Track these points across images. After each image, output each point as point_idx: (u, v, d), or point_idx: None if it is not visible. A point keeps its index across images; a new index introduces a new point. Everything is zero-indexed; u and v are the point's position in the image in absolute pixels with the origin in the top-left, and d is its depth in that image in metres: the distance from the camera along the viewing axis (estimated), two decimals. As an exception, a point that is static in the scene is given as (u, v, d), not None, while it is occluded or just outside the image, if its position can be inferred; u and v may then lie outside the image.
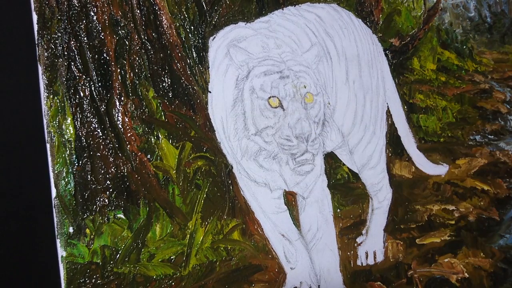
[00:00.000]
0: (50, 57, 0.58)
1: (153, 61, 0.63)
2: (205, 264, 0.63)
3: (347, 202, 0.73)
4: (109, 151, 0.60)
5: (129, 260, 0.59)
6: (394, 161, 0.77)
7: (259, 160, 0.67)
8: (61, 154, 0.58)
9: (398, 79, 0.79)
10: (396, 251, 0.76)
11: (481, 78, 0.87)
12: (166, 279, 0.61)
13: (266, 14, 0.70)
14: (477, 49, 0.87)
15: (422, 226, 0.79)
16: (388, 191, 0.76)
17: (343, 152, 0.73)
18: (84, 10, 0.60)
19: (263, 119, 0.66)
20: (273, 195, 0.68)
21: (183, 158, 0.63)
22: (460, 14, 0.87)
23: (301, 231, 0.70)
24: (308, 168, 0.69)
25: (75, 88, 0.59)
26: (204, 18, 0.66)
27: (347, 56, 0.74)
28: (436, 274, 0.78)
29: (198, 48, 0.65)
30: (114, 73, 0.61)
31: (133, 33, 0.62)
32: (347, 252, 0.72)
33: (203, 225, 0.64)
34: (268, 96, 0.66)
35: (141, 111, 0.62)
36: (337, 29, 0.74)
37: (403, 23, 0.80)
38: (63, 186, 0.57)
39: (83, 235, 0.58)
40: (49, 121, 0.57)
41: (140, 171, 0.61)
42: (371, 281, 0.73)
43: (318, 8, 0.74)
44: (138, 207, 0.61)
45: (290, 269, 0.68)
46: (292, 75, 0.67)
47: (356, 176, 0.74)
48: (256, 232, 0.67)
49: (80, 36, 0.60)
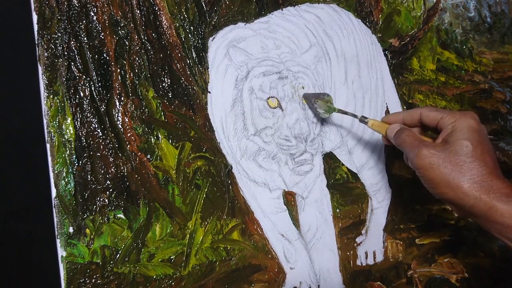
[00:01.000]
0: (50, 57, 0.58)
1: (153, 61, 0.63)
2: (205, 264, 0.63)
3: (346, 202, 0.73)
4: (109, 151, 0.60)
5: (129, 260, 0.60)
6: (394, 161, 0.77)
7: (258, 160, 0.67)
8: (61, 154, 0.58)
9: (398, 79, 0.79)
10: (396, 251, 0.76)
11: (481, 78, 0.87)
12: (166, 279, 0.61)
13: (266, 15, 0.70)
14: (477, 49, 0.87)
15: (422, 226, 0.79)
16: (387, 191, 0.76)
17: (342, 152, 0.73)
18: (84, 10, 0.60)
19: (262, 120, 0.66)
20: (273, 195, 0.68)
21: (183, 158, 0.63)
22: (460, 14, 0.87)
23: (300, 231, 0.70)
24: (307, 168, 0.69)
25: (75, 88, 0.59)
26: (204, 18, 0.66)
27: (346, 57, 0.74)
28: (436, 274, 0.78)
29: (197, 48, 0.66)
30: (114, 73, 0.61)
31: (133, 33, 0.62)
32: (347, 252, 0.72)
33: (202, 225, 0.64)
34: (267, 96, 0.66)
35: (141, 111, 0.62)
36: (336, 30, 0.74)
37: (403, 23, 0.80)
38: (63, 186, 0.57)
39: (83, 235, 0.58)
40: (49, 121, 0.58)
41: (140, 171, 0.61)
42: (370, 281, 0.73)
43: (317, 9, 0.74)
44: (138, 207, 0.61)
45: (290, 269, 0.68)
46: (291, 75, 0.67)
47: (355, 176, 0.74)
48: (255, 232, 0.67)
49: (80, 36, 0.60)
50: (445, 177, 0.51)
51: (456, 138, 0.53)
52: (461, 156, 0.51)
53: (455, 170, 0.51)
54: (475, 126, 0.53)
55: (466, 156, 0.51)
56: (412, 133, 0.58)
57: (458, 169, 0.51)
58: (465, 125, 0.53)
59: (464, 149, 0.52)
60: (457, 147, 0.52)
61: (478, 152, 0.51)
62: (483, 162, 0.51)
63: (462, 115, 0.55)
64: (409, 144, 0.57)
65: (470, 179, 0.50)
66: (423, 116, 0.59)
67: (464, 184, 0.50)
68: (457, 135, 0.53)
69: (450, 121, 0.55)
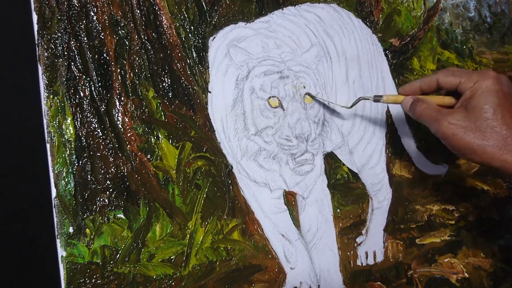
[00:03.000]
0: (50, 57, 0.58)
1: (153, 61, 0.63)
2: (205, 264, 0.63)
3: (347, 202, 0.73)
4: (109, 151, 0.60)
5: (129, 260, 0.59)
6: (394, 161, 0.77)
7: (259, 160, 0.67)
8: (61, 154, 0.58)
9: (398, 79, 0.79)
10: (396, 251, 0.76)
11: (481, 78, 0.87)
12: (166, 279, 0.61)
13: (266, 14, 0.70)
14: (477, 49, 0.87)
15: (422, 226, 0.79)
16: (388, 191, 0.76)
17: (343, 152, 0.73)
18: (84, 10, 0.60)
19: (263, 119, 0.66)
20: (273, 195, 0.68)
21: (183, 158, 0.63)
22: (460, 14, 0.87)
23: (301, 231, 0.70)
24: (308, 168, 0.69)
25: (75, 88, 0.59)
26: (204, 18, 0.66)
27: (347, 56, 0.74)
28: (436, 274, 0.78)
29: (198, 48, 0.65)
30: (114, 73, 0.61)
31: (133, 33, 0.62)
32: (347, 252, 0.72)
33: (203, 225, 0.64)
34: (268, 96, 0.66)
35: (141, 111, 0.62)
36: (337, 29, 0.74)
37: (403, 23, 0.80)
38: (63, 186, 0.57)
39: (83, 235, 0.58)
40: (49, 121, 0.57)
41: (140, 171, 0.61)
42: (371, 281, 0.73)
43: (318, 8, 0.74)
44: (138, 207, 0.61)
45: (290, 269, 0.68)
46: (292, 75, 0.67)
47: (356, 176, 0.74)
48: (256, 232, 0.67)
49: (80, 36, 0.60)
50: (470, 145, 0.53)
51: (476, 103, 0.53)
52: (482, 122, 0.52)
53: (478, 137, 0.52)
54: (494, 87, 0.53)
55: (488, 121, 0.52)
56: (428, 105, 0.58)
57: (481, 135, 0.52)
58: (484, 89, 0.54)
59: (484, 115, 0.52)
60: (477, 113, 0.53)
61: (499, 115, 0.52)
62: (505, 125, 0.52)
63: (480, 77, 0.55)
64: (428, 116, 0.57)
65: (494, 144, 0.52)
66: (441, 82, 0.59)
67: (489, 149, 0.52)
68: (476, 101, 0.54)
69: (469, 85, 0.55)
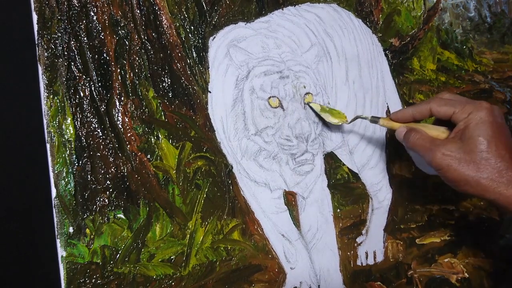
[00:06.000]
0: (50, 57, 0.58)
1: (153, 61, 0.63)
2: (205, 264, 0.63)
3: (347, 202, 0.73)
4: (109, 151, 0.60)
5: (129, 260, 0.59)
6: (394, 161, 0.77)
7: (259, 160, 0.67)
8: (61, 154, 0.58)
9: (398, 79, 0.79)
10: (396, 251, 0.76)
11: (481, 78, 0.87)
12: (166, 279, 0.61)
13: (266, 14, 0.70)
14: (477, 49, 0.87)
15: (422, 226, 0.79)
16: (388, 191, 0.76)
17: (343, 152, 0.73)
18: (84, 10, 0.60)
19: (263, 119, 0.66)
20: (273, 195, 0.68)
21: (183, 158, 0.63)
22: (460, 14, 0.87)
23: (301, 231, 0.70)
24: (308, 168, 0.69)
25: (75, 88, 0.59)
26: (204, 18, 0.66)
27: (347, 56, 0.74)
28: (436, 274, 0.78)
29: (198, 48, 0.65)
30: (114, 73, 0.61)
31: (133, 33, 0.62)
32: (347, 252, 0.72)
33: (203, 225, 0.64)
34: (268, 96, 0.66)
35: (141, 111, 0.62)
36: (337, 29, 0.74)
37: (403, 23, 0.80)
38: (63, 186, 0.57)
39: (83, 235, 0.58)
40: (49, 121, 0.57)
41: (140, 171, 0.61)
42: (371, 281, 0.73)
43: (318, 8, 0.74)
44: (138, 207, 0.61)
45: (290, 269, 0.68)
46: (292, 75, 0.67)
47: (356, 176, 0.74)
48: (256, 232, 0.67)
49: (80, 36, 0.60)
50: (464, 177, 0.52)
51: (470, 134, 0.53)
52: (477, 154, 0.52)
53: (473, 169, 0.52)
54: (487, 119, 0.53)
55: (482, 153, 0.52)
56: (421, 135, 0.58)
57: (475, 167, 0.52)
58: (478, 120, 0.53)
59: (479, 146, 0.52)
60: (471, 145, 0.52)
61: (493, 147, 0.52)
62: (500, 157, 0.51)
63: (474, 108, 0.54)
64: (421, 147, 0.57)
65: (488, 176, 0.51)
66: (434, 111, 0.59)
67: (483, 181, 0.51)
68: (470, 132, 0.53)
69: (463, 116, 0.55)
